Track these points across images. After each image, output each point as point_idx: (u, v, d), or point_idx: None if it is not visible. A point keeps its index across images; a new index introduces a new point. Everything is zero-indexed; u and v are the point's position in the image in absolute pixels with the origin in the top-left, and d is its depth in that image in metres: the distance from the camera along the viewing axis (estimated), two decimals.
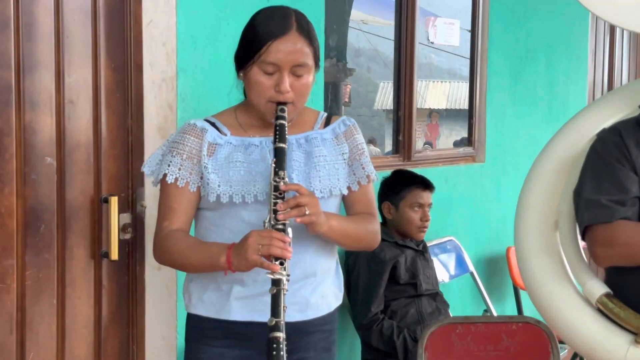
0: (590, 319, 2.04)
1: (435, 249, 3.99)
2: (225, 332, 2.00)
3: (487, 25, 4.52)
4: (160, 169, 1.99)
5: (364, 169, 2.07)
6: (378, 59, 4.36)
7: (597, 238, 1.96)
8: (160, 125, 2.57)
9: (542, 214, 2.20)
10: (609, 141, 2.03)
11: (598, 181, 1.99)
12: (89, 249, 2.45)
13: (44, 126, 2.32)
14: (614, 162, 1.98)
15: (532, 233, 2.19)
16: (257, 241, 1.79)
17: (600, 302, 2.01)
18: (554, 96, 5.16)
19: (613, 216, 1.94)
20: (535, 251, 2.16)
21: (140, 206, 2.56)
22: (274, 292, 1.78)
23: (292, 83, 1.92)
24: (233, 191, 1.93)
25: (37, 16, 2.28)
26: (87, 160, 2.43)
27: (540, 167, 2.26)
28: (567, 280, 2.10)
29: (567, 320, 2.07)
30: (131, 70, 2.51)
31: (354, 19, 4.07)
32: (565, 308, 2.08)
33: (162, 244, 1.98)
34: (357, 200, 2.08)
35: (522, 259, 2.20)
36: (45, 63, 2.31)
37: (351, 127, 2.10)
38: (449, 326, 2.74)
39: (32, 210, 2.30)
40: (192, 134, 1.98)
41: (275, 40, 1.90)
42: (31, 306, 2.31)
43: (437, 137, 5.28)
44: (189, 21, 2.62)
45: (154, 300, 2.60)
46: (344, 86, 4.19)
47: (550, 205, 2.19)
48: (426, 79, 4.75)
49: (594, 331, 2.02)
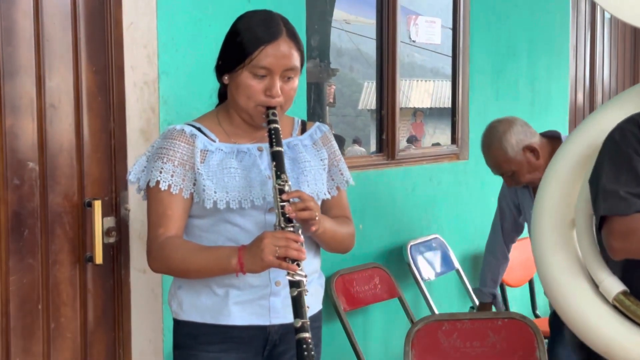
0: (608, 316, 2.02)
1: (420, 247, 4.00)
2: (221, 336, 2.01)
3: (468, 23, 4.54)
4: (149, 176, 1.97)
5: (343, 175, 2.15)
6: (361, 58, 4.37)
7: (614, 230, 1.95)
8: (143, 128, 2.56)
9: (558, 213, 2.19)
10: (627, 131, 2.01)
11: (616, 171, 1.98)
12: (73, 253, 2.44)
13: (25, 131, 2.31)
14: (633, 154, 1.97)
15: (548, 231, 2.18)
16: (273, 243, 1.80)
17: (617, 300, 2.00)
18: (536, 92, 5.18)
19: (630, 208, 1.93)
20: (552, 249, 2.15)
21: (124, 209, 2.55)
22: (294, 293, 1.81)
23: (282, 87, 1.95)
24: (230, 197, 1.94)
25: (16, 20, 2.27)
26: (70, 164, 2.42)
27: (557, 165, 2.25)
28: (583, 278, 2.08)
29: (584, 319, 2.06)
30: (112, 73, 2.50)
31: (337, 19, 4.08)
32: (582, 306, 2.06)
33: (161, 252, 1.95)
34: (334, 204, 2.12)
35: (539, 257, 2.19)
36: (25, 67, 2.30)
37: (326, 133, 2.15)
38: (435, 323, 2.75)
39: (15, 215, 2.29)
40: (181, 139, 1.97)
41: (268, 45, 1.92)
42: (16, 312, 2.30)
43: (423, 135, 5.29)
44: (169, 23, 2.61)
45: (139, 304, 2.60)
46: (328, 87, 4.20)
47: (567, 203, 2.18)
48: (410, 77, 4.76)
49: (611, 329, 2.01)
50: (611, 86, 6.84)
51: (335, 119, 4.50)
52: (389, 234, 3.92)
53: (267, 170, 1.99)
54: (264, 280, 1.97)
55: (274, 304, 2.00)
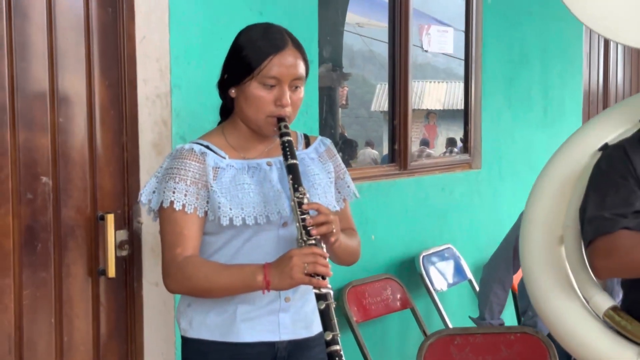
0: (598, 332, 2.03)
1: (432, 257, 3.99)
2: (230, 353, 2.00)
3: (481, 31, 4.53)
4: (162, 197, 1.96)
5: (349, 187, 2.16)
6: (374, 60, 4.37)
7: (597, 250, 1.95)
8: (155, 142, 2.57)
9: (547, 229, 2.20)
10: (614, 158, 2.03)
11: (602, 197, 1.99)
12: (86, 266, 2.45)
13: (38, 145, 2.32)
14: (619, 179, 1.98)
15: (537, 248, 2.19)
16: (302, 260, 1.81)
17: (607, 316, 2.01)
18: (549, 100, 5.16)
19: (615, 226, 1.94)
20: (541, 266, 2.16)
21: (137, 222, 2.55)
22: (322, 307, 1.82)
23: (290, 97, 1.96)
24: (245, 214, 1.94)
25: (30, 35, 2.28)
26: (83, 177, 2.43)
27: (543, 182, 2.26)
28: (573, 295, 2.09)
29: (575, 334, 2.06)
30: (125, 86, 2.51)
31: (350, 22, 4.08)
32: (572, 322, 2.07)
33: (181, 272, 1.93)
34: (341, 217, 2.11)
35: (528, 274, 2.20)
36: (39, 82, 2.31)
37: (329, 146, 2.16)
38: (447, 337, 2.74)
39: (29, 229, 2.30)
40: (192, 158, 1.96)
41: (277, 55, 1.93)
42: (29, 325, 2.31)
43: (435, 137, 5.26)
44: (182, 37, 2.62)
45: (152, 317, 2.60)
46: (340, 89, 4.20)
47: (555, 220, 2.18)
48: (422, 79, 4.74)
49: (601, 345, 2.02)
50: (624, 93, 6.81)
51: (348, 120, 4.50)
52: (401, 244, 3.91)
53: (279, 185, 1.98)
54: (274, 296, 1.97)
55: (283, 320, 2.00)
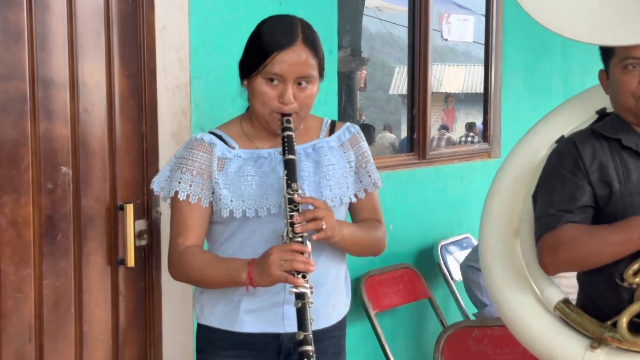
0: (549, 324, 2.05)
1: (451, 247, 3.98)
2: (235, 342, 2.02)
3: (501, 17, 4.49)
4: (170, 186, 1.98)
5: (371, 177, 2.09)
6: (394, 43, 4.35)
7: (544, 246, 1.97)
8: (175, 132, 2.57)
9: (503, 222, 2.21)
10: (564, 152, 2.04)
11: (550, 194, 2.01)
12: (105, 256, 2.46)
13: (59, 135, 2.33)
14: (567, 174, 1.99)
15: (493, 240, 2.21)
16: (279, 257, 1.80)
17: (558, 308, 2.02)
18: (569, 88, 5.11)
19: (559, 222, 1.95)
20: (496, 258, 2.18)
21: (156, 212, 2.56)
22: (299, 305, 1.80)
23: (296, 94, 1.92)
24: (246, 206, 1.94)
25: (50, 26, 2.29)
26: (103, 167, 2.44)
27: (502, 175, 2.28)
28: (526, 287, 2.10)
29: (527, 326, 2.08)
30: (145, 76, 2.52)
31: (369, 6, 4.06)
32: (524, 314, 2.09)
33: (179, 261, 1.97)
34: (363, 207, 2.09)
35: (485, 267, 2.23)
36: (59, 72, 2.32)
37: (355, 134, 2.10)
38: (465, 329, 2.74)
39: (49, 219, 2.32)
40: (200, 149, 1.97)
41: (281, 52, 1.90)
42: (49, 314, 2.33)
43: (454, 121, 5.23)
44: (201, 27, 2.61)
45: (170, 306, 2.62)
46: (358, 72, 4.18)
47: (511, 213, 2.20)
48: (442, 62, 4.70)
49: (552, 336, 2.03)
50: None
51: (366, 102, 4.47)
52: (420, 234, 3.90)
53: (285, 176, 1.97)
54: (278, 288, 1.95)
55: (288, 312, 1.97)
